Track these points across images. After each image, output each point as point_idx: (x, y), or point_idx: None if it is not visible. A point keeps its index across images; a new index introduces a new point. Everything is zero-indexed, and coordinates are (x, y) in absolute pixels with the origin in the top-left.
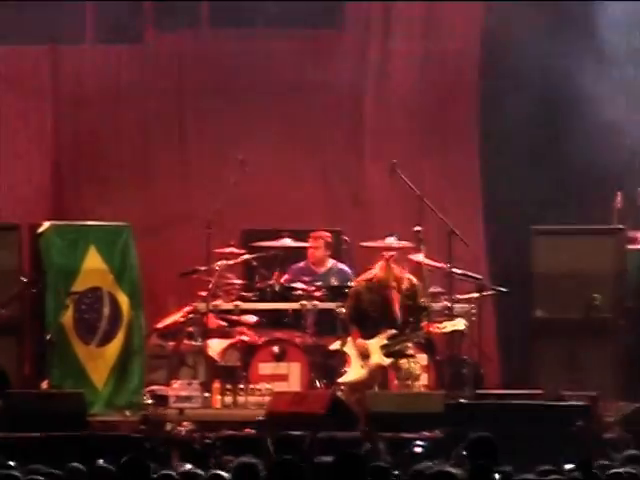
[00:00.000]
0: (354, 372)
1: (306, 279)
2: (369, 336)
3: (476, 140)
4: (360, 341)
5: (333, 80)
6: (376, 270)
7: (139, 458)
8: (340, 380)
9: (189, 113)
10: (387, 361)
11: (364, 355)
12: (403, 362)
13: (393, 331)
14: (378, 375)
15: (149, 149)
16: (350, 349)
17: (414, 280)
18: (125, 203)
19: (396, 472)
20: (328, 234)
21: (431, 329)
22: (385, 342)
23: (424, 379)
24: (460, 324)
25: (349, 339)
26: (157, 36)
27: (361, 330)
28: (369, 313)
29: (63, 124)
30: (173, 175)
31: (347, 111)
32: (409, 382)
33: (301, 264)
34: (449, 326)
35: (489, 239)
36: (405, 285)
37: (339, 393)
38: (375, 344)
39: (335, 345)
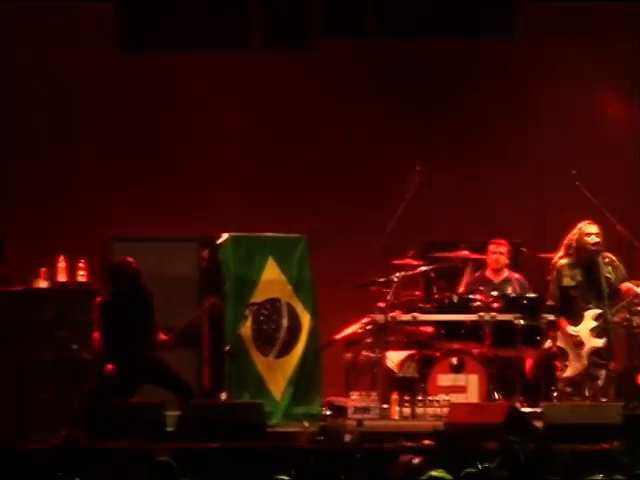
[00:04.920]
0: (574, 364)
1: (482, 288)
2: (575, 322)
3: None
4: (570, 329)
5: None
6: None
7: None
8: (564, 375)
9: (355, 121)
10: (601, 342)
11: (577, 344)
12: (601, 373)
13: (597, 311)
14: (596, 360)
15: (322, 159)
16: (563, 342)
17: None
18: (300, 213)
19: None
20: (506, 242)
21: (629, 289)
22: (594, 324)
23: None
24: None
25: (558, 333)
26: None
27: (566, 316)
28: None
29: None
30: (349, 183)
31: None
32: (601, 399)
33: (477, 273)
34: None
35: None
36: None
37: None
38: (584, 329)
39: (548, 343)
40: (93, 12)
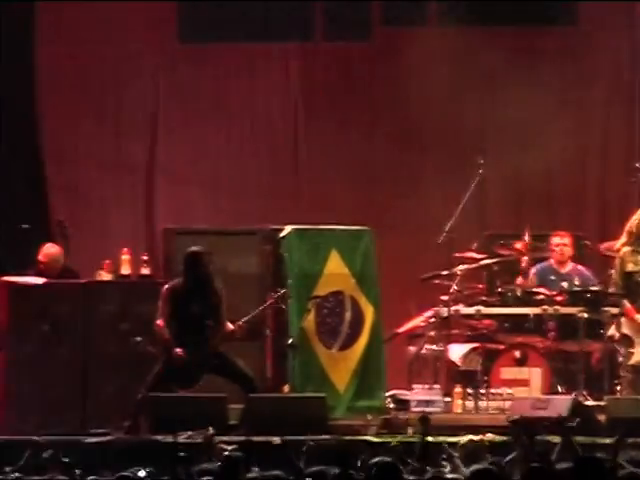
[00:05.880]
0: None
1: (552, 277)
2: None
3: None
4: (637, 317)
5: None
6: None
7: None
8: (630, 362)
9: (418, 111)
10: None
11: None
12: None
13: None
14: None
15: (373, 150)
16: (628, 329)
17: None
18: (362, 205)
19: None
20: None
21: None
22: None
23: None
24: None
25: (623, 319)
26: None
27: (632, 303)
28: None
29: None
30: (407, 177)
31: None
32: None
33: (544, 264)
34: None
35: None
36: None
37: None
38: None
39: (611, 330)
40: (156, 3)
